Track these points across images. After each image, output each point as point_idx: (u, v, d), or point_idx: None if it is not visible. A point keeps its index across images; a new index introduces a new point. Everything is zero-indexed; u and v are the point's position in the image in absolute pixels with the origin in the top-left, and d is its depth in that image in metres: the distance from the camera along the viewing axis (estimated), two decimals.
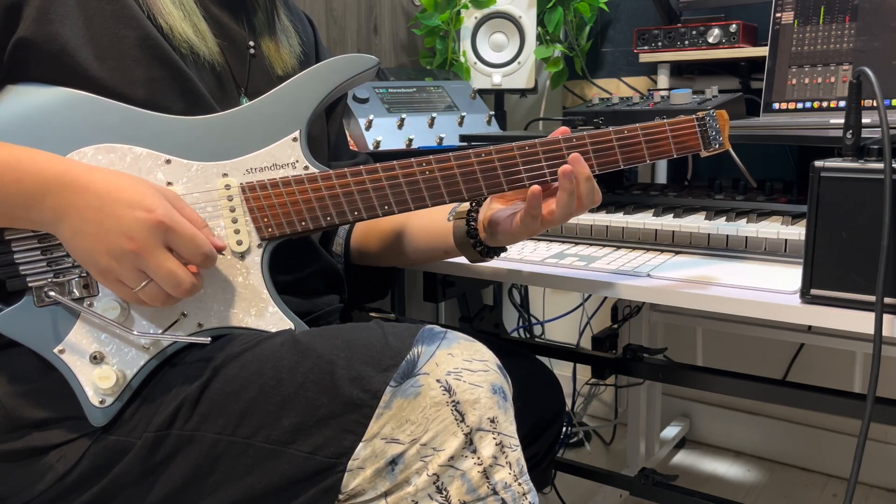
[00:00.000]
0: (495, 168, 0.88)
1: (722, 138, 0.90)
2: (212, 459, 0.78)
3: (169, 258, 0.75)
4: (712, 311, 0.92)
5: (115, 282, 0.76)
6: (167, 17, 0.87)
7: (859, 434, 0.80)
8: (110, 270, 0.75)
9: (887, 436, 1.83)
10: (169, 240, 0.74)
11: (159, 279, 0.75)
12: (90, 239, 0.74)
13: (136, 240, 0.73)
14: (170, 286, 0.75)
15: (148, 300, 0.77)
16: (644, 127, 0.89)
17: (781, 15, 1.37)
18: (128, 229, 0.73)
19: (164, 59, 0.85)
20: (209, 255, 0.77)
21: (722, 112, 0.90)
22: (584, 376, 2.07)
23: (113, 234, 0.73)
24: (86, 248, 0.74)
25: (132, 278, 0.75)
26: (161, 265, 0.74)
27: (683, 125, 0.89)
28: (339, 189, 0.86)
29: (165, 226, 0.74)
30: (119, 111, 0.81)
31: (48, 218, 0.75)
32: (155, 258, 0.74)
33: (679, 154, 0.90)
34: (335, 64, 0.89)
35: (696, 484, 1.89)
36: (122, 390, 0.81)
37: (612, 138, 0.88)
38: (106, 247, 0.73)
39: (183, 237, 0.75)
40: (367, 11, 1.89)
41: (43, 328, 0.80)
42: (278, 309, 0.86)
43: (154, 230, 0.73)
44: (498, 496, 0.75)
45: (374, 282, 1.18)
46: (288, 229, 0.85)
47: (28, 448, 0.81)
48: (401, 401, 0.76)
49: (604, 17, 1.95)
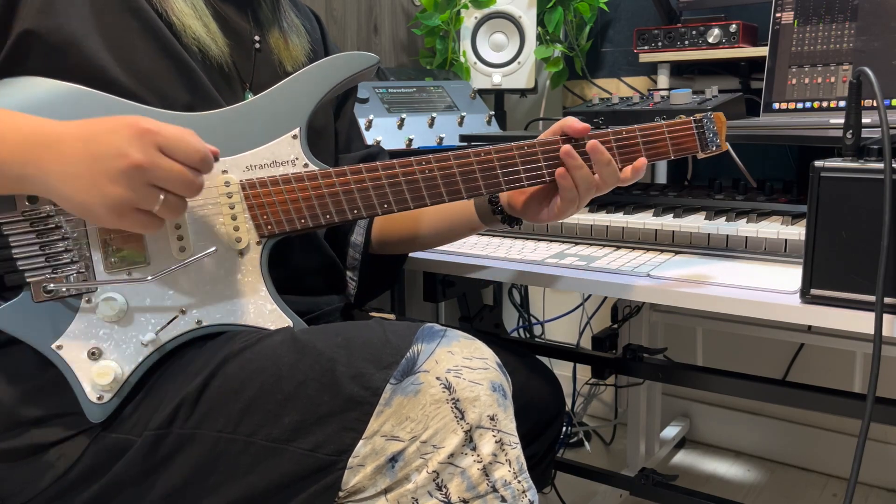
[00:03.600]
0: (494, 168, 0.88)
1: (719, 140, 0.91)
2: (212, 458, 0.78)
3: (171, 161, 0.71)
4: (712, 311, 0.92)
5: (131, 213, 0.72)
6: (180, 14, 0.87)
7: (859, 434, 0.80)
8: (122, 201, 0.70)
9: (887, 436, 1.83)
10: (160, 143, 0.71)
11: (172, 183, 0.71)
12: (87, 179, 0.70)
13: (131, 155, 0.69)
14: (184, 187, 0.72)
15: (169, 214, 0.73)
16: (642, 128, 0.89)
17: (781, 15, 1.37)
18: (120, 148, 0.69)
19: (170, 50, 0.85)
20: (201, 151, 0.73)
21: (719, 114, 0.91)
22: (584, 376, 2.07)
23: (108, 159, 0.70)
24: (88, 189, 0.71)
25: (147, 197, 0.71)
26: (169, 168, 0.71)
27: (681, 127, 0.90)
28: (338, 187, 0.86)
29: (152, 132, 0.70)
30: (120, 106, 0.81)
31: (34, 176, 0.71)
32: (158, 164, 0.70)
33: (676, 155, 0.90)
34: (335, 62, 0.89)
35: (696, 484, 1.89)
36: (121, 387, 0.81)
37: (611, 139, 0.89)
38: (107, 177, 0.70)
39: (172, 138, 0.71)
40: (367, 11, 1.89)
41: (41, 324, 0.80)
42: (277, 306, 0.86)
43: (144, 138, 0.70)
44: (497, 493, 0.75)
45: (388, 270, 1.17)
46: (287, 227, 0.85)
47: (28, 446, 0.81)
48: (401, 398, 0.76)
49: (604, 17, 1.95)
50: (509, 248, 1.15)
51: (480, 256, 1.13)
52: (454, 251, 1.17)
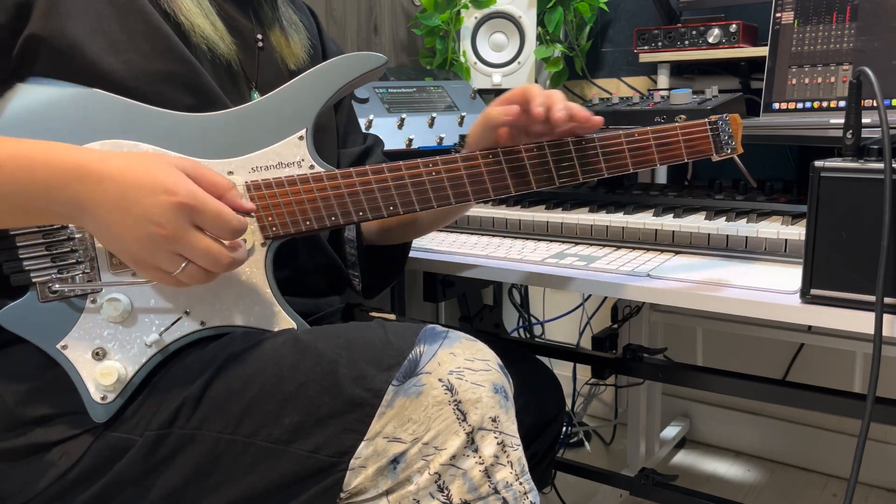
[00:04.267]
0: (503, 169, 0.88)
1: (735, 143, 0.89)
2: (213, 458, 0.79)
3: (201, 237, 0.73)
4: (712, 311, 0.92)
5: (152, 269, 0.74)
6: (188, 14, 0.87)
7: (859, 434, 0.80)
8: (144, 259, 0.73)
9: (887, 436, 1.83)
10: (196, 220, 0.72)
11: (196, 259, 0.73)
12: (118, 229, 0.72)
13: (163, 226, 0.71)
14: (208, 263, 0.74)
15: (189, 281, 0.75)
16: (655, 131, 0.88)
17: (781, 15, 1.37)
18: (153, 216, 0.71)
19: (175, 53, 0.85)
20: (237, 229, 0.75)
21: (735, 116, 0.89)
22: (584, 376, 2.07)
23: (140, 222, 0.71)
24: (116, 238, 0.73)
25: (169, 262, 0.73)
26: (195, 246, 0.72)
27: (695, 129, 0.88)
28: (344, 189, 0.86)
29: (189, 207, 0.71)
30: (125, 107, 0.81)
31: (70, 211, 0.73)
32: (187, 240, 0.72)
33: (690, 158, 0.88)
34: (343, 62, 0.88)
35: (696, 484, 1.89)
36: (124, 387, 0.81)
37: (623, 142, 0.88)
38: (135, 235, 0.72)
39: (208, 215, 0.72)
40: (367, 11, 1.89)
41: (46, 323, 0.80)
42: (281, 308, 0.86)
43: (179, 213, 0.71)
44: (499, 495, 0.75)
45: (390, 260, 1.15)
46: (292, 229, 0.85)
47: (30, 445, 0.81)
48: (403, 400, 0.76)
49: (604, 17, 1.96)
50: (509, 248, 1.15)
51: (480, 256, 1.13)
52: (454, 251, 1.17)
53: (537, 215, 1.20)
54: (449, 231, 1.30)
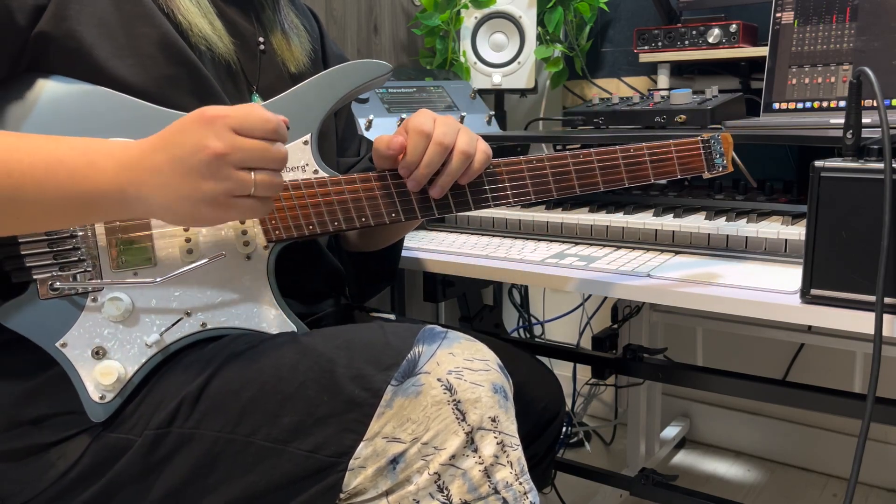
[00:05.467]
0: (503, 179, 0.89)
1: (726, 161, 0.92)
2: (212, 458, 0.79)
3: (245, 138, 0.71)
4: (712, 311, 0.92)
5: (235, 203, 0.72)
6: (186, 13, 0.87)
7: (859, 434, 0.80)
8: (218, 193, 0.70)
9: (887, 436, 1.83)
10: (232, 125, 0.71)
11: (256, 160, 0.71)
12: (178, 183, 0.70)
13: (208, 145, 0.69)
14: (269, 160, 0.72)
15: (268, 190, 0.73)
16: (650, 147, 0.90)
17: (781, 15, 1.37)
18: (194, 144, 0.69)
19: (180, 56, 0.85)
20: (276, 124, 0.73)
21: (726, 135, 0.92)
22: (584, 376, 2.07)
23: (189, 157, 0.69)
24: (184, 195, 0.70)
25: (239, 181, 0.71)
26: (247, 146, 0.70)
27: (688, 147, 0.90)
28: (347, 194, 0.86)
29: (219, 117, 0.70)
30: (132, 107, 0.81)
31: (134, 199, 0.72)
32: (236, 145, 0.70)
33: (683, 175, 0.91)
34: (349, 70, 0.88)
35: (696, 484, 1.89)
36: (123, 386, 0.81)
37: (619, 157, 0.89)
38: (196, 174, 0.70)
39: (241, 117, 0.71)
40: (367, 11, 1.89)
41: (46, 321, 0.80)
42: (281, 311, 0.86)
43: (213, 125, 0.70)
44: (499, 495, 0.75)
45: (378, 265, 1.14)
46: (295, 233, 0.85)
47: (28, 446, 0.81)
48: (402, 400, 0.76)
49: (604, 17, 1.96)
50: (509, 248, 1.15)
51: (480, 256, 1.13)
52: (454, 251, 1.17)
53: (537, 215, 1.20)
54: (449, 231, 1.30)
